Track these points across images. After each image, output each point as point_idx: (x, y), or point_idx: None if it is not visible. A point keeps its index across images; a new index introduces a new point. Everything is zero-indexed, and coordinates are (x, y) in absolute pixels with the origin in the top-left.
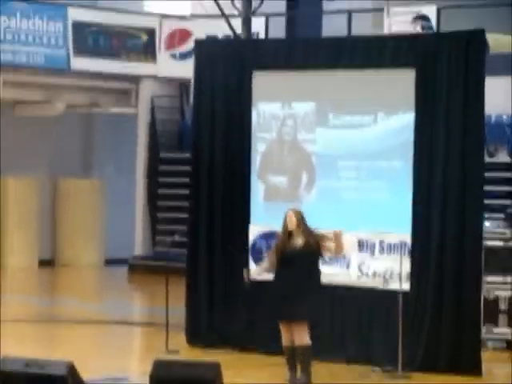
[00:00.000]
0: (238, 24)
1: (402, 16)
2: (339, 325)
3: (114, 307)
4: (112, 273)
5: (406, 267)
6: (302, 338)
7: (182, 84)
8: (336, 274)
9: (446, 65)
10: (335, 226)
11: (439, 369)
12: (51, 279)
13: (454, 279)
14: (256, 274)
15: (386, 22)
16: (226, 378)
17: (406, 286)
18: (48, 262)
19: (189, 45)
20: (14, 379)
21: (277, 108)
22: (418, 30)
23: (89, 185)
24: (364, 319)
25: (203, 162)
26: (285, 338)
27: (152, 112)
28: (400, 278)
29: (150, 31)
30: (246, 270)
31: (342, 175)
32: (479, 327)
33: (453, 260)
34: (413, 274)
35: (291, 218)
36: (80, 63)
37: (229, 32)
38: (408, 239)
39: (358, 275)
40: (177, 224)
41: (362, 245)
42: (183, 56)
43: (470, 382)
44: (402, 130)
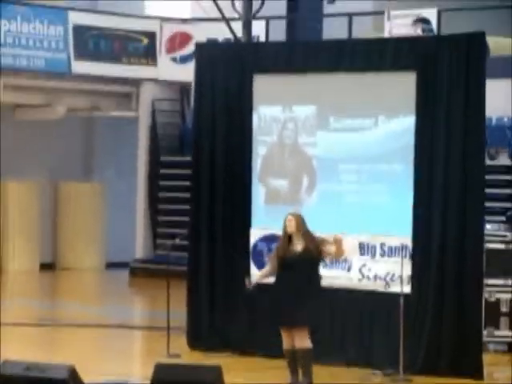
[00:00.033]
0: (238, 27)
1: (403, 19)
2: (340, 328)
3: (114, 311)
4: (113, 276)
5: (407, 270)
6: (303, 341)
7: (182, 87)
8: (337, 276)
9: (447, 67)
10: (336, 229)
11: (440, 372)
12: (52, 283)
13: (455, 282)
14: (258, 278)
15: (386, 25)
16: (228, 380)
17: (407, 288)
18: (49, 266)
19: (189, 48)
20: (15, 383)
21: (277, 111)
22: (419, 32)
23: (89, 188)
24: (365, 322)
25: (204, 166)
26: (285, 342)
27: (153, 115)
28: (401, 281)
29: (151, 35)
30: (248, 278)
31: (342, 178)
32: (480, 330)
33: (454, 262)
34: (414, 277)
35: (290, 221)
36: (81, 67)
37: (229, 35)
38: (409, 242)
39: (359, 278)
40: (178, 227)
41: (362, 248)
42: (184, 59)
43: None
44: (403, 133)
